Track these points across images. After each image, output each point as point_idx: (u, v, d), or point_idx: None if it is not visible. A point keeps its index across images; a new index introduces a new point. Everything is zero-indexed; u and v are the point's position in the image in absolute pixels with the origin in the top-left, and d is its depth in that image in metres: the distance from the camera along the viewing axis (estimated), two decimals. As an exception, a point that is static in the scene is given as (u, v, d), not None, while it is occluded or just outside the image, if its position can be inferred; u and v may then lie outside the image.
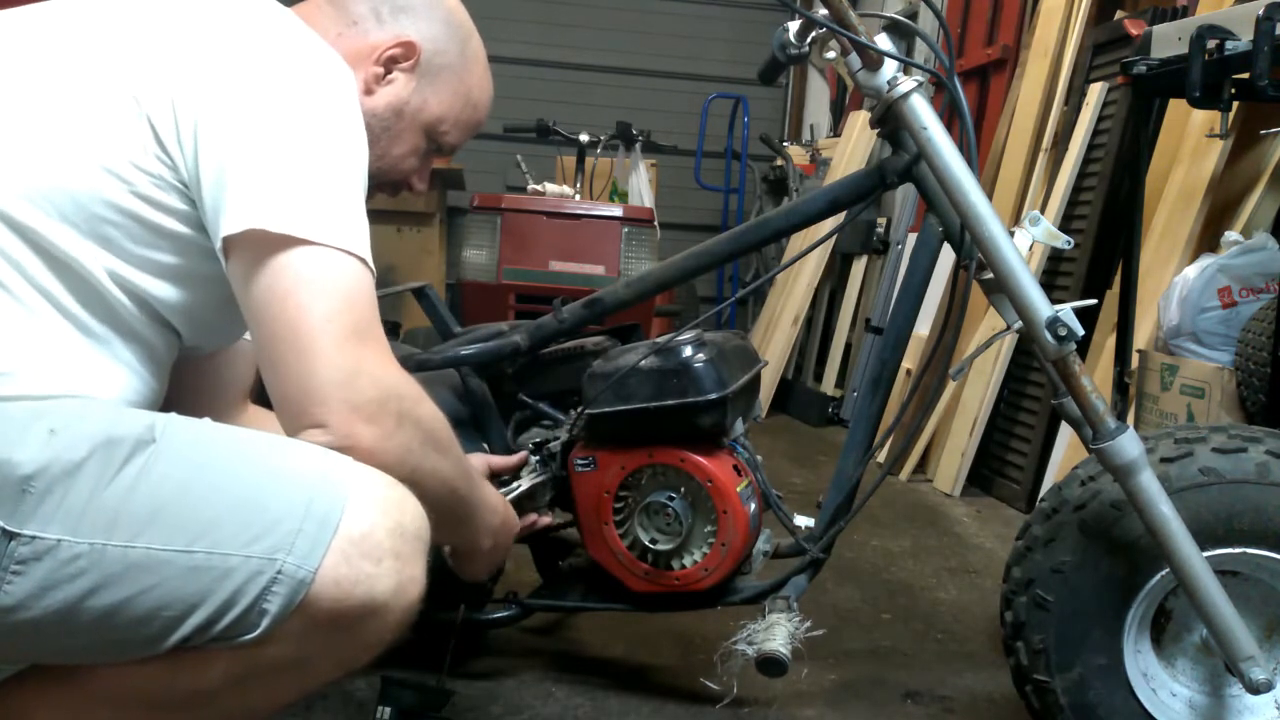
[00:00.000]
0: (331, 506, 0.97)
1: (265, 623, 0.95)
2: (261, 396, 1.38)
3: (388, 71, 1.23)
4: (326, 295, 1.00)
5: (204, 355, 1.24)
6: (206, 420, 1.04)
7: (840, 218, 1.67)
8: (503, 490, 1.55)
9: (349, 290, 1.02)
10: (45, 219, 1.00)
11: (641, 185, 4.53)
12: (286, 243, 1.00)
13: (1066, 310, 1.34)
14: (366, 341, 1.02)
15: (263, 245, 1.00)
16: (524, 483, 1.62)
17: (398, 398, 1.05)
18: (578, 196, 4.14)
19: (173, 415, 1.01)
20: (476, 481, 1.27)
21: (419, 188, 1.34)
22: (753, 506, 1.63)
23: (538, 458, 1.67)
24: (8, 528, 0.89)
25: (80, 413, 0.97)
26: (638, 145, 4.42)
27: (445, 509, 1.16)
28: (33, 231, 0.99)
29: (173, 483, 0.94)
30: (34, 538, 0.90)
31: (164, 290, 1.07)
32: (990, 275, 1.40)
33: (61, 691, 1.00)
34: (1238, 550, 1.42)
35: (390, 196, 1.35)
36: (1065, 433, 3.08)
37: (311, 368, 0.99)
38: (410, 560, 1.01)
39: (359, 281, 1.03)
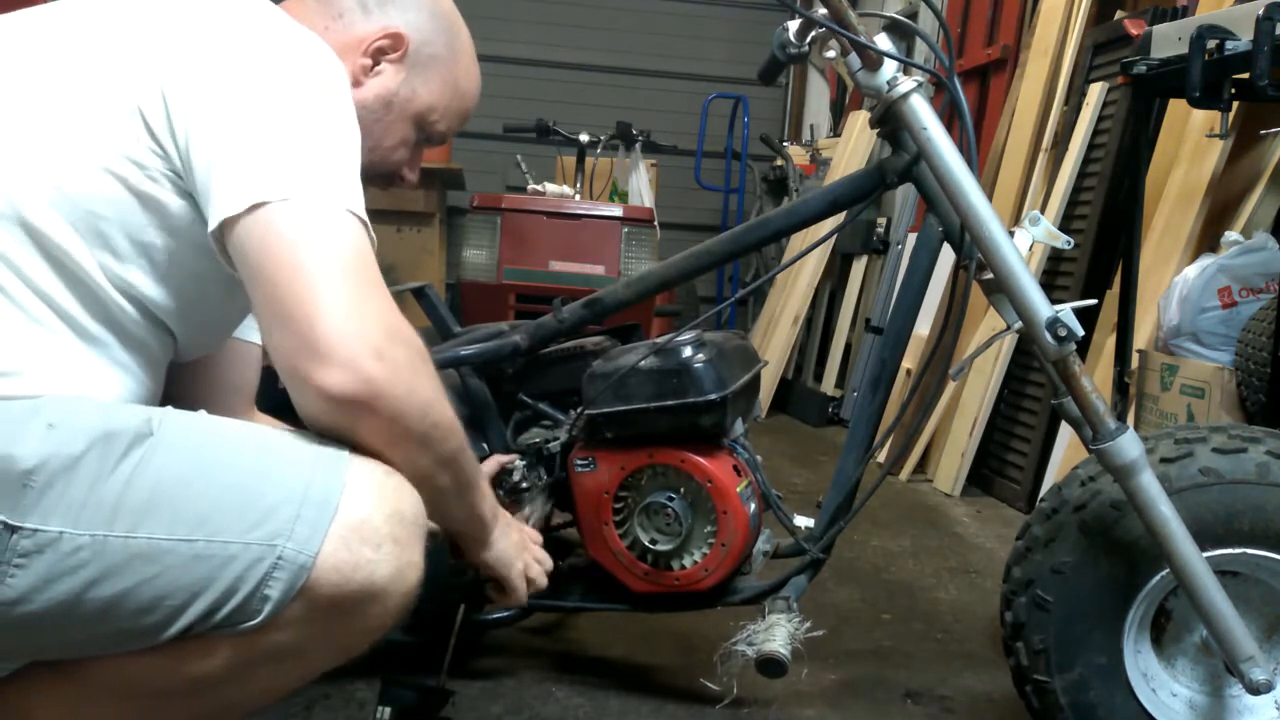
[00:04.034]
0: (329, 492, 0.97)
1: (267, 609, 0.96)
2: (263, 402, 1.39)
3: (376, 63, 1.23)
4: (329, 244, 0.98)
5: (200, 360, 1.24)
6: (202, 413, 1.04)
7: (840, 218, 1.67)
8: (522, 515, 1.58)
9: (350, 242, 0.99)
10: (51, 217, 1.00)
11: (641, 185, 4.53)
12: (284, 206, 0.97)
13: (1066, 310, 1.34)
14: (372, 288, 0.99)
15: (261, 214, 0.98)
16: (538, 504, 1.63)
17: (406, 338, 1.02)
18: (578, 196, 4.14)
19: (169, 409, 1.01)
20: (485, 482, 1.25)
21: (410, 179, 1.34)
22: (753, 506, 1.63)
23: (524, 462, 1.66)
24: (10, 521, 0.90)
25: (77, 407, 0.97)
26: (638, 145, 4.42)
27: (451, 465, 1.12)
28: (37, 231, 1.00)
29: (171, 474, 0.95)
30: (35, 531, 0.90)
31: (159, 290, 1.07)
32: (990, 275, 1.40)
33: (62, 686, 1.00)
34: (1238, 550, 1.42)
35: (382, 190, 1.34)
36: (1065, 433, 3.08)
37: (320, 311, 0.96)
38: (409, 545, 1.01)
39: (359, 236, 1.01)
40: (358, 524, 0.97)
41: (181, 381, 1.20)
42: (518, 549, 1.34)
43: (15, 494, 0.90)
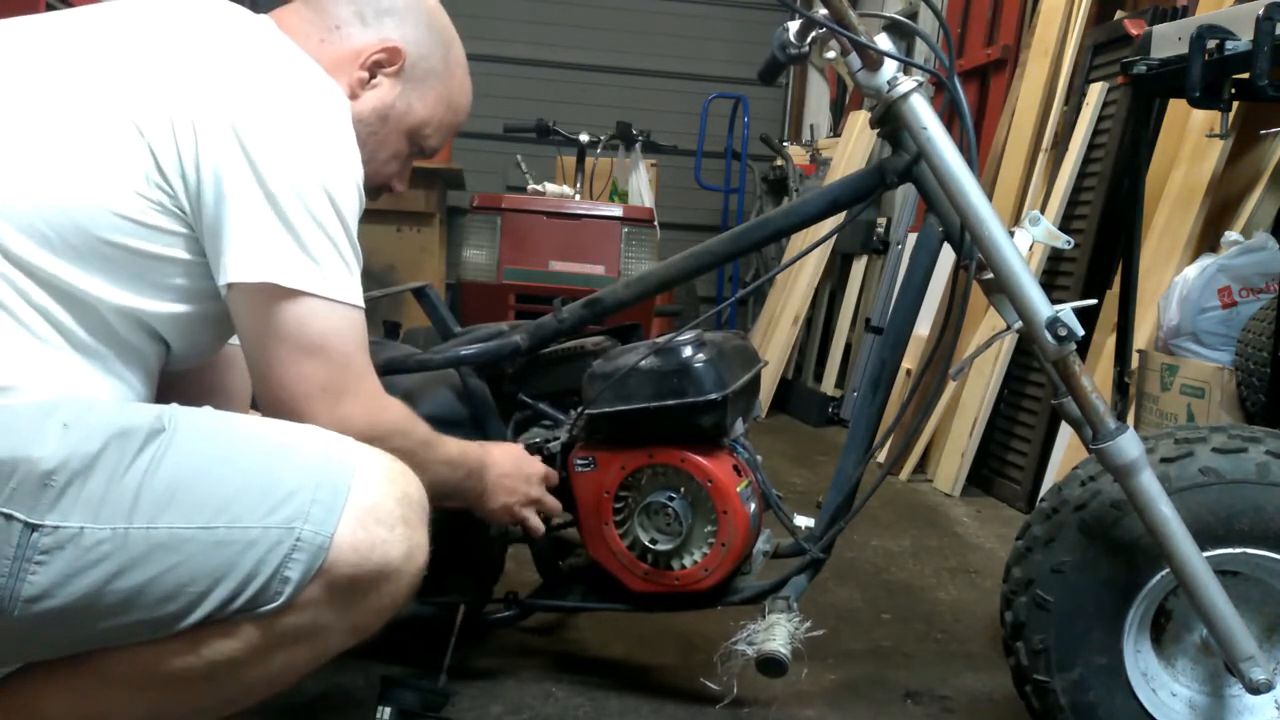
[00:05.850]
0: (341, 477, 1.02)
1: (288, 590, 0.99)
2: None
3: (372, 76, 1.23)
4: (326, 359, 1.09)
5: (197, 366, 1.25)
6: (208, 408, 1.07)
7: (840, 218, 1.66)
8: None
9: (347, 344, 1.10)
10: (36, 249, 1.01)
11: (641, 185, 4.53)
12: (295, 295, 1.06)
13: (1066, 310, 1.34)
14: (354, 397, 1.12)
15: (273, 296, 1.06)
16: None
17: (381, 440, 1.12)
18: (578, 196, 4.14)
19: (175, 405, 1.04)
20: (469, 464, 1.40)
21: (399, 189, 1.36)
22: (753, 506, 1.63)
23: None
24: (30, 520, 0.92)
25: (89, 407, 1.00)
26: (638, 145, 4.42)
27: (449, 499, 1.32)
28: (26, 261, 1.01)
29: (187, 465, 0.99)
30: (56, 528, 0.93)
31: (161, 308, 1.09)
32: (990, 275, 1.40)
33: (78, 677, 1.01)
34: (1238, 550, 1.41)
35: (371, 200, 1.36)
36: (1065, 433, 3.08)
37: (315, 420, 1.10)
38: (417, 527, 1.06)
39: (357, 330, 1.11)
40: (371, 506, 1.02)
41: (178, 387, 1.21)
42: (508, 493, 1.51)
43: (35, 494, 0.93)
